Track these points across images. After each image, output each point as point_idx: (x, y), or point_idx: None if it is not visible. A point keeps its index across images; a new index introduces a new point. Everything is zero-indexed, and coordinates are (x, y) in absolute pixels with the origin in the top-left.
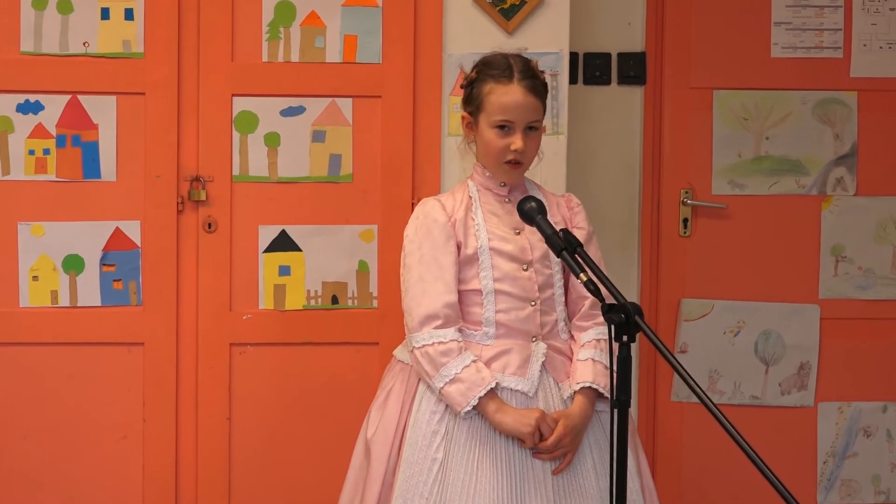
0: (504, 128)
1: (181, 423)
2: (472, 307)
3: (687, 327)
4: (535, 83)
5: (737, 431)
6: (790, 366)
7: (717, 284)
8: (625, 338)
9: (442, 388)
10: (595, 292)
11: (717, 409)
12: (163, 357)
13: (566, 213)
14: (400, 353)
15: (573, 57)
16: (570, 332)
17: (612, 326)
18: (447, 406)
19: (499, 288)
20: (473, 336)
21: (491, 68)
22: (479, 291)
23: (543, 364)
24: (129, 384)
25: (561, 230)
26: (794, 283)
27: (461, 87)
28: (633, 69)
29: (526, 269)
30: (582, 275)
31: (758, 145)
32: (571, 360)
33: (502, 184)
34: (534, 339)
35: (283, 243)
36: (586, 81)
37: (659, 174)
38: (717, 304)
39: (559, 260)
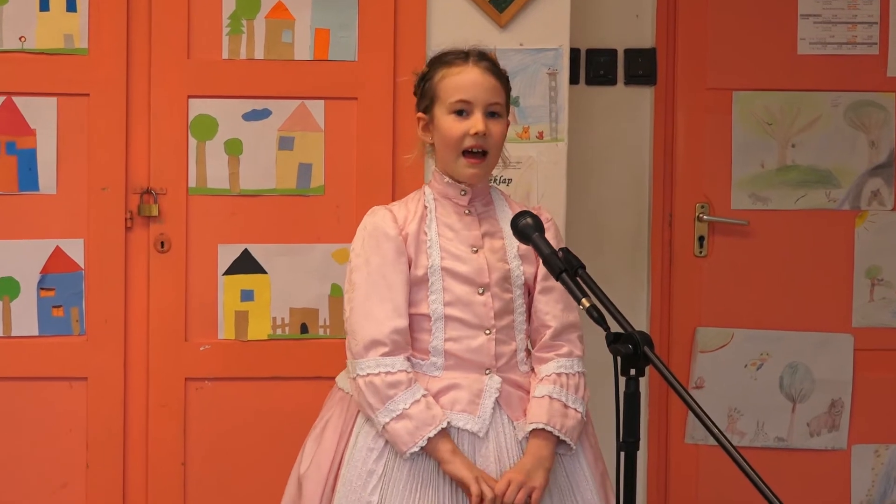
0: (461, 112)
1: (129, 469)
2: (419, 333)
3: (703, 360)
4: (494, 67)
5: (760, 478)
6: (820, 403)
7: (737, 311)
8: (632, 371)
9: (387, 423)
10: (599, 320)
11: (738, 453)
12: (109, 394)
13: None
14: (341, 380)
15: (574, 54)
16: (531, 364)
17: (619, 358)
18: (387, 443)
19: (449, 313)
20: (420, 366)
21: (444, 55)
22: (428, 317)
23: (497, 400)
24: (70, 425)
25: (560, 249)
26: (825, 310)
27: (415, 92)
28: (641, 67)
29: (482, 293)
30: (584, 300)
31: (783, 154)
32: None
33: (463, 191)
34: (487, 371)
35: (246, 264)
36: (589, 81)
37: (671, 186)
38: (737, 333)
39: (522, 283)
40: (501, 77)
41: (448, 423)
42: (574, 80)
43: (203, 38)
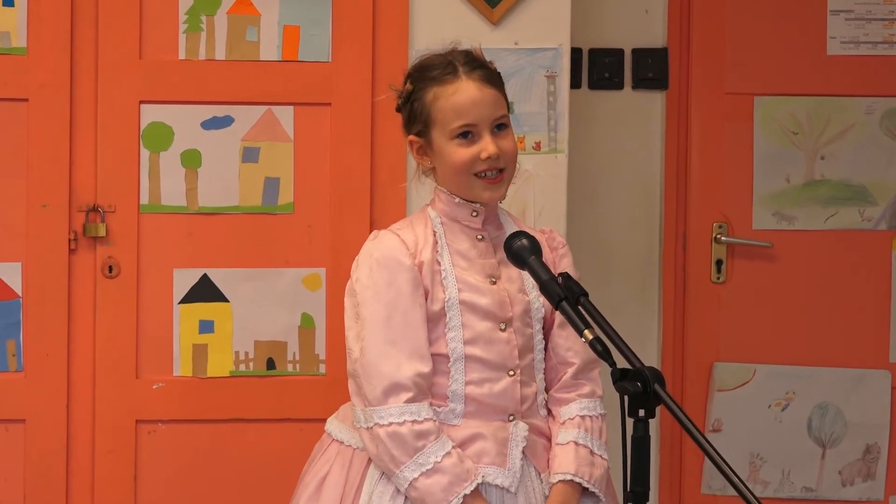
0: (467, 135)
1: None
2: (436, 376)
3: (721, 399)
4: (487, 72)
5: None
6: (853, 449)
7: (760, 344)
8: (641, 412)
9: (415, 479)
10: (603, 354)
11: None
12: (49, 438)
13: (548, 255)
14: (336, 428)
15: (576, 54)
16: (547, 406)
17: (626, 398)
18: (409, 502)
19: (470, 353)
20: (437, 413)
21: (428, 71)
22: (446, 357)
23: (524, 451)
24: (5, 472)
25: (560, 274)
26: (859, 344)
27: (397, 109)
28: (651, 69)
29: (504, 330)
30: (587, 332)
31: (811, 167)
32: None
33: (475, 212)
34: (511, 417)
35: (205, 292)
36: (593, 85)
37: (685, 203)
38: (759, 369)
39: (542, 316)
40: (498, 82)
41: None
42: (575, 83)
43: (157, 36)
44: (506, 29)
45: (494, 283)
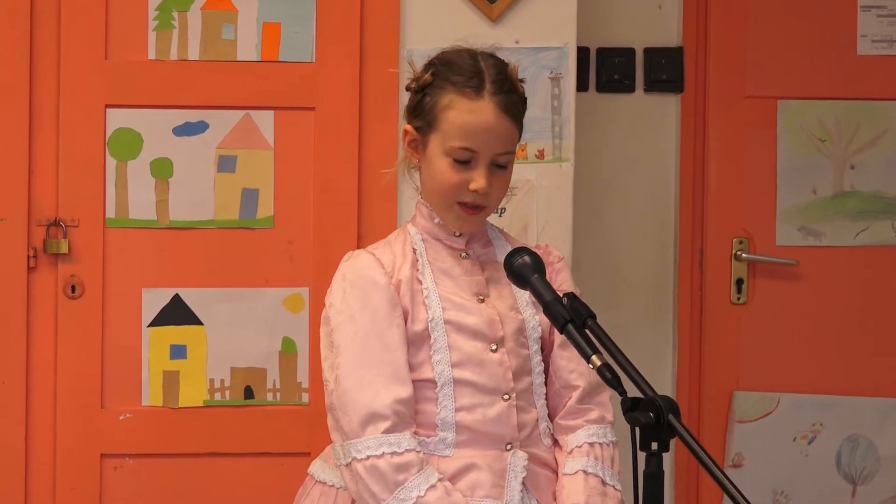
0: (463, 158)
1: None
2: (423, 404)
3: (742, 431)
4: (513, 99)
5: None
6: (887, 486)
7: (784, 371)
8: (654, 445)
9: None
10: (613, 382)
11: None
12: (6, 473)
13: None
14: (319, 469)
15: (583, 53)
16: (552, 434)
17: (637, 429)
18: None
19: (459, 376)
20: (426, 444)
21: (453, 72)
22: (433, 382)
23: (524, 482)
24: None
25: (565, 294)
26: (893, 370)
27: (407, 87)
28: (666, 70)
29: (495, 350)
30: (595, 357)
31: (840, 177)
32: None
33: (457, 233)
34: (508, 446)
35: (177, 313)
36: (601, 88)
37: (702, 217)
38: (783, 398)
39: (538, 336)
40: (518, 113)
41: None
42: (582, 86)
43: (124, 35)
44: (506, 26)
45: (482, 301)
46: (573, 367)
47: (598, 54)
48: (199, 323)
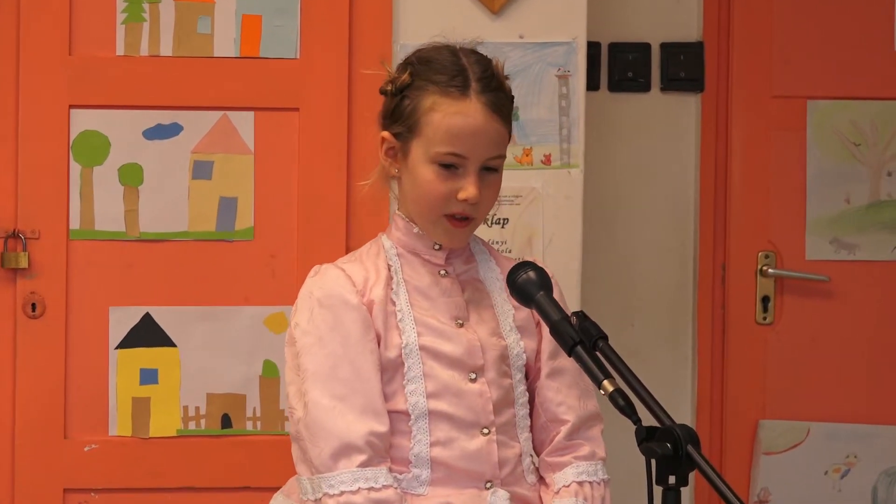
0: (450, 165)
1: None
2: (395, 438)
3: (769, 464)
4: (500, 98)
5: None
6: None
7: (815, 398)
8: (672, 479)
9: None
10: (626, 409)
11: None
12: None
13: None
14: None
15: (593, 49)
16: (537, 471)
17: (653, 462)
18: None
19: (434, 408)
20: (398, 481)
21: (434, 71)
22: (406, 414)
23: None
24: None
25: (574, 313)
26: None
27: (382, 91)
28: (684, 68)
29: (474, 380)
30: (606, 383)
31: (876, 185)
32: None
33: (437, 246)
34: (488, 484)
35: (148, 334)
36: (613, 87)
37: (724, 228)
38: (814, 428)
39: (522, 364)
40: (507, 112)
41: None
42: (592, 84)
43: (90, 28)
44: (509, 19)
45: (462, 325)
46: (562, 400)
47: (609, 50)
48: (172, 345)
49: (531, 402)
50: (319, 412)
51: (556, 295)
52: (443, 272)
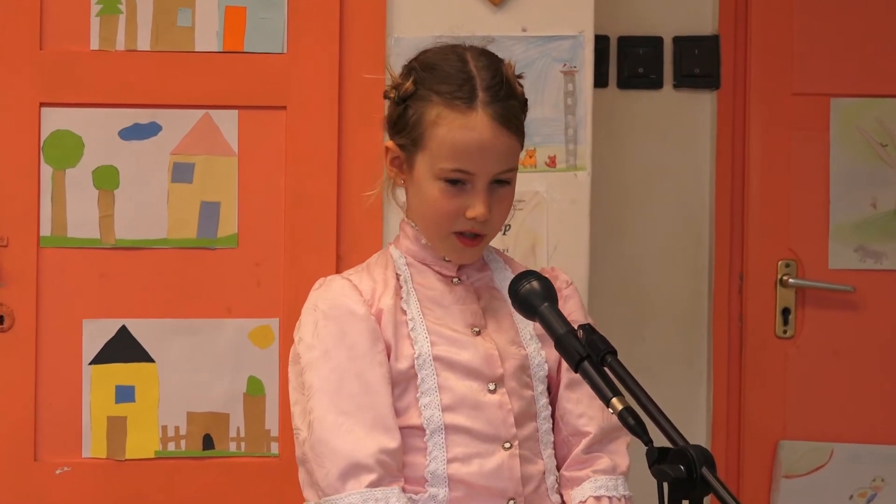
0: (457, 182)
1: None
2: (409, 455)
3: (789, 488)
4: (511, 107)
5: None
6: None
7: (839, 417)
8: (685, 503)
9: None
10: (636, 429)
11: None
12: None
13: None
14: None
15: (601, 43)
16: (559, 488)
17: (665, 485)
18: None
19: (451, 422)
20: (414, 502)
21: (439, 79)
22: (420, 429)
23: None
24: None
25: (580, 326)
26: None
27: (385, 95)
28: (699, 63)
29: (493, 391)
30: (615, 400)
31: None
32: None
33: (446, 257)
34: (511, 502)
35: (124, 349)
36: (623, 83)
37: (742, 235)
38: (838, 449)
39: (544, 374)
40: (518, 122)
41: None
42: (601, 81)
43: (62, 21)
44: (511, 11)
45: (478, 333)
46: (582, 411)
47: (619, 44)
48: (150, 360)
49: (553, 416)
50: (324, 430)
51: (575, 303)
52: (455, 280)
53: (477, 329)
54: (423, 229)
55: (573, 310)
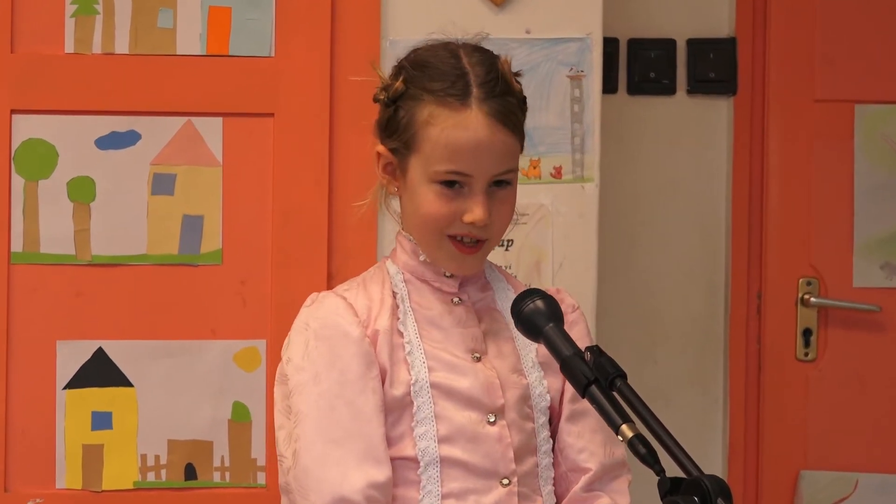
0: (453, 184)
1: None
2: (402, 488)
3: None
4: (508, 104)
5: None
6: None
7: (864, 445)
8: None
9: None
10: (647, 458)
11: None
12: None
13: None
14: None
15: (610, 46)
16: None
17: None
18: None
19: (448, 455)
20: None
21: (430, 76)
22: (414, 461)
23: None
24: None
25: (588, 349)
26: None
27: (375, 99)
28: (714, 68)
29: (493, 422)
30: (625, 427)
31: None
32: None
33: (448, 273)
34: None
35: (101, 372)
36: (633, 89)
37: (760, 251)
38: (863, 479)
39: (546, 405)
40: (517, 120)
41: None
42: (610, 87)
43: (35, 22)
44: (514, 11)
45: (479, 359)
46: (583, 446)
47: (629, 46)
48: (129, 384)
49: (554, 449)
50: (310, 460)
51: (581, 331)
52: (456, 300)
53: (477, 355)
54: (419, 238)
55: (578, 337)
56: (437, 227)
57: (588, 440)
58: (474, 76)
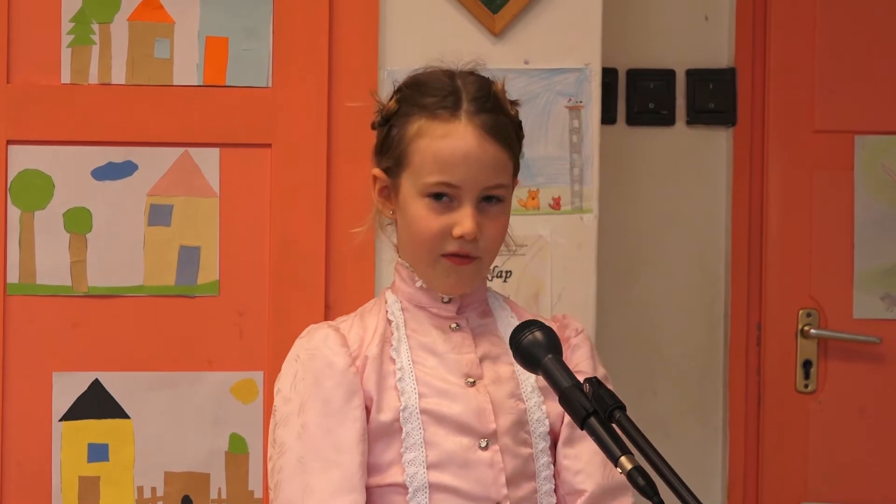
0: (442, 196)
1: None
2: None
3: None
4: (499, 120)
5: None
6: None
7: (865, 478)
8: None
9: None
10: (647, 490)
11: None
12: None
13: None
14: None
15: (609, 76)
16: None
17: None
18: None
19: (437, 481)
20: None
21: (424, 93)
22: (403, 487)
23: None
24: None
25: (587, 380)
26: None
27: (373, 125)
28: (714, 99)
29: (485, 448)
30: (624, 459)
31: None
32: None
33: (445, 298)
34: None
35: (97, 404)
36: (632, 120)
37: (760, 282)
38: None
39: (545, 430)
40: (508, 136)
41: None
42: (608, 117)
43: (31, 52)
44: (512, 42)
45: (473, 384)
46: (580, 468)
47: (628, 77)
48: (125, 416)
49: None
50: (289, 492)
51: (584, 353)
52: (454, 325)
53: (472, 380)
54: (414, 261)
55: (581, 360)
56: (430, 245)
57: (586, 462)
58: (466, 92)
